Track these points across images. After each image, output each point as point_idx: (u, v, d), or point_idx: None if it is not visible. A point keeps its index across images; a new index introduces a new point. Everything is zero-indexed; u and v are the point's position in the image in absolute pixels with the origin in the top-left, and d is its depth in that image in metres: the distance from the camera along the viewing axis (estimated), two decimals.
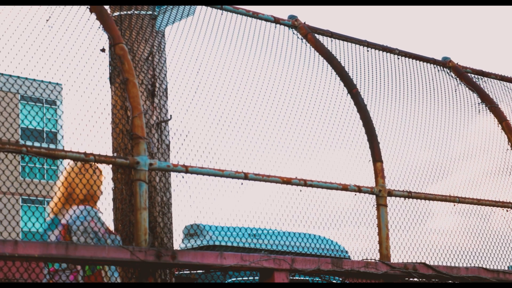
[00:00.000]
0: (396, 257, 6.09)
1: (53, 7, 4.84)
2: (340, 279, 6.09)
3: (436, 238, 6.45)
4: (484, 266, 6.34)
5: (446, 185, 6.55)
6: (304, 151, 5.79)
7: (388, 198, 5.93)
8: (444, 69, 6.99)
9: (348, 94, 6.04)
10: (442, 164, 6.60)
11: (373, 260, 5.51)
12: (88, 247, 4.29)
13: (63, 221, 4.90)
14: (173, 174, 5.24)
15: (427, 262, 5.91)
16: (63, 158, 4.48)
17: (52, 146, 4.64)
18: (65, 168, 4.98)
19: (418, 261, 5.97)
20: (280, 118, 5.72)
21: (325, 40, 6.21)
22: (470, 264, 6.37)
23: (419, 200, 6.28)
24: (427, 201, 6.31)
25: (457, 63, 7.05)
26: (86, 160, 4.54)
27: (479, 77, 7.19)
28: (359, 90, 6.06)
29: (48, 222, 5.01)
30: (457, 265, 6.28)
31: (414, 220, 6.63)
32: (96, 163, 4.74)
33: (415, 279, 5.73)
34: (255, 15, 5.86)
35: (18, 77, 4.62)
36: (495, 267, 6.57)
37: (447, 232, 6.53)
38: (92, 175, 4.91)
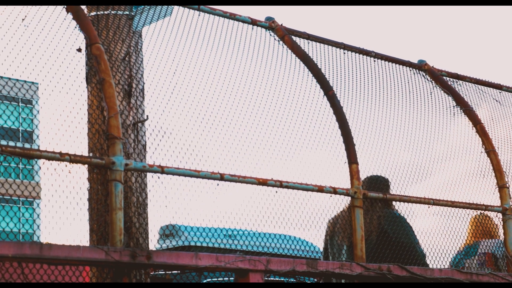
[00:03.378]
0: None
1: (29, 6, 4.82)
2: (315, 280, 6.12)
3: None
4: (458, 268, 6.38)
5: (423, 187, 6.60)
6: (280, 152, 5.80)
7: (364, 200, 5.96)
8: (420, 72, 7.03)
9: (325, 96, 6.06)
10: (418, 167, 6.64)
11: (348, 262, 5.54)
12: (62, 248, 4.27)
13: (487, 250, 6.85)
14: (149, 174, 5.23)
15: (402, 264, 5.95)
16: (38, 158, 4.47)
17: (27, 145, 4.63)
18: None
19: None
20: (256, 119, 5.73)
21: (301, 42, 6.24)
22: (444, 266, 6.42)
23: (397, 202, 6.32)
24: (406, 203, 6.36)
25: (432, 66, 7.10)
26: (61, 160, 4.53)
27: (454, 80, 7.25)
28: (335, 92, 6.08)
29: (464, 251, 6.93)
30: (431, 266, 6.32)
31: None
32: (72, 163, 4.73)
33: None
34: (232, 17, 5.86)
35: None
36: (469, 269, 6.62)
37: (423, 234, 6.58)
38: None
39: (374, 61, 6.68)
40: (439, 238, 6.66)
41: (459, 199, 6.69)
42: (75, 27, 4.92)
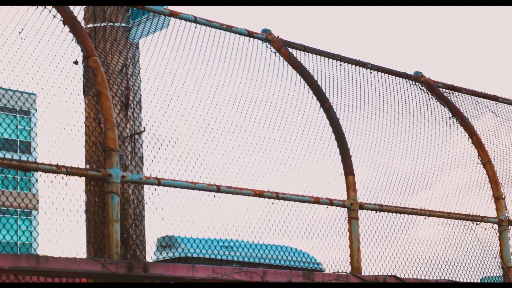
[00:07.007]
0: (368, 269, 6.13)
1: (26, 19, 4.84)
2: None
3: (410, 250, 6.49)
4: (455, 279, 6.39)
5: (420, 198, 6.61)
6: (277, 164, 5.81)
7: (360, 211, 5.97)
8: (416, 83, 7.05)
9: (321, 108, 6.08)
10: (415, 178, 6.65)
11: (344, 273, 5.55)
12: (59, 260, 4.28)
13: None
14: (145, 186, 5.24)
15: (398, 275, 5.95)
16: (35, 170, 4.48)
17: (24, 157, 4.65)
18: None
19: (389, 273, 6.01)
20: (253, 131, 5.75)
21: (298, 54, 6.26)
22: (441, 276, 6.42)
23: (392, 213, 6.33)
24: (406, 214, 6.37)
25: (428, 78, 7.12)
26: (58, 172, 4.54)
27: (450, 91, 7.27)
28: (331, 104, 6.10)
29: None
30: (429, 277, 6.33)
31: (386, 233, 6.68)
32: (69, 175, 4.74)
33: None
34: (228, 29, 5.89)
35: None
36: (467, 280, 6.63)
37: (422, 243, 6.59)
38: None
39: (371, 72, 6.70)
40: (438, 249, 6.66)
41: (455, 210, 6.70)
42: (72, 40, 4.94)
